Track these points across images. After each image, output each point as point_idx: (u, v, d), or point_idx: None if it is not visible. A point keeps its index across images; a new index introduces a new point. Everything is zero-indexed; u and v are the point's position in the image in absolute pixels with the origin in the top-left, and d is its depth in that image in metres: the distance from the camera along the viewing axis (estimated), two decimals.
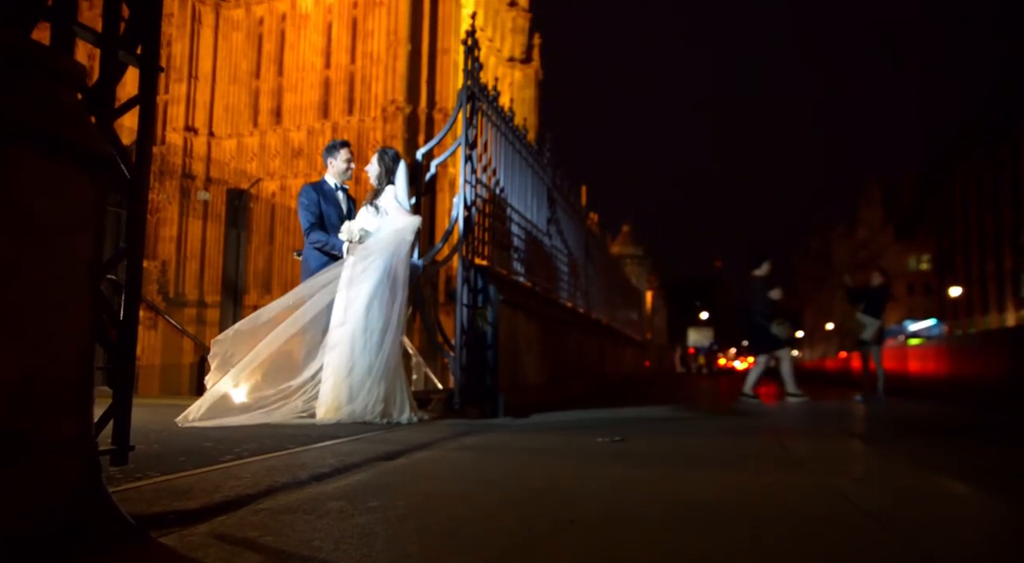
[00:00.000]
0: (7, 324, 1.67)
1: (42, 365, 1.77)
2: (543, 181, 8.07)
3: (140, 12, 2.34)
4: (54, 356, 1.80)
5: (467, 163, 5.62)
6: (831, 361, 28.82)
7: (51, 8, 2.02)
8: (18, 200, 1.75)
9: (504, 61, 40.31)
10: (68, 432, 1.82)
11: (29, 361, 1.73)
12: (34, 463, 1.65)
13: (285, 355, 4.50)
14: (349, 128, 34.12)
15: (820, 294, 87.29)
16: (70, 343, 1.85)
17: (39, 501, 1.64)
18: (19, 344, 1.71)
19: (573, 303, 9.89)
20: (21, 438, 1.65)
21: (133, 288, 2.32)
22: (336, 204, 5.21)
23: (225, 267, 13.69)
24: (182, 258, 35.42)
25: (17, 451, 1.61)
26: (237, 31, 37.06)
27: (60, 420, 1.81)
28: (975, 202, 50.84)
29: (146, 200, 2.39)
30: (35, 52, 1.92)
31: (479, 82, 5.76)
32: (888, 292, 10.36)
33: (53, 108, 1.94)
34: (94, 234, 2.02)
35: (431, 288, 6.76)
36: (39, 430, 1.73)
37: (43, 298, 1.82)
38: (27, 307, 1.74)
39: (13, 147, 1.74)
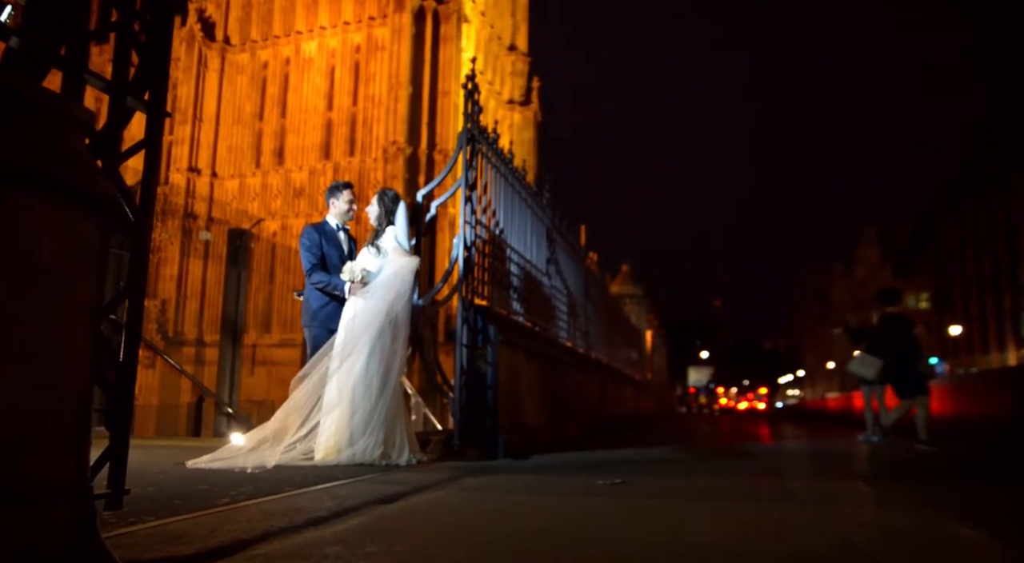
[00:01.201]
0: (5, 370, 1.67)
1: (40, 412, 1.77)
2: (542, 221, 8.13)
3: (150, 60, 2.40)
4: (53, 403, 1.80)
5: (467, 204, 5.67)
6: (833, 400, 28.61)
7: (64, 57, 2.07)
8: (22, 243, 1.77)
9: (504, 103, 40.95)
10: (65, 480, 1.80)
11: (27, 408, 1.72)
12: (30, 514, 1.64)
13: (299, 410, 4.50)
14: (350, 169, 34.48)
15: (820, 333, 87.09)
16: (69, 389, 1.85)
17: (34, 551, 1.62)
18: (17, 391, 1.71)
19: (573, 343, 9.87)
20: (17, 489, 1.64)
21: (134, 330, 2.32)
22: (338, 245, 5.25)
23: (225, 306, 13.70)
24: (182, 297, 35.43)
25: (12, 503, 1.59)
26: (242, 74, 37.74)
27: (57, 469, 1.79)
28: (971, 243, 51.13)
29: (149, 244, 2.41)
30: (45, 99, 1.96)
31: (479, 125, 5.85)
32: (890, 332, 10.33)
33: (60, 153, 1.97)
34: (96, 276, 2.03)
35: (430, 328, 6.75)
36: (36, 480, 1.71)
37: (43, 343, 1.82)
38: (27, 352, 1.75)
39: (20, 191, 1.77)
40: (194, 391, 17.60)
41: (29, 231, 1.78)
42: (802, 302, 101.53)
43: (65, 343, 1.90)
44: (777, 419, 16.77)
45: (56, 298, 1.88)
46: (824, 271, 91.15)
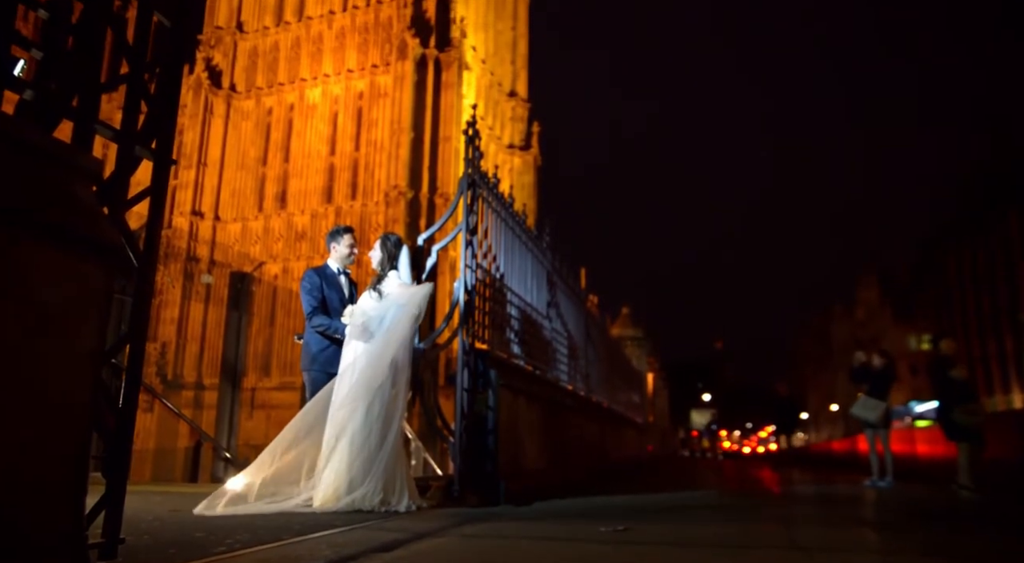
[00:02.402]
0: (5, 419, 1.67)
1: (37, 462, 1.76)
2: (543, 265, 8.17)
3: (158, 110, 2.45)
4: (50, 452, 1.79)
5: (468, 248, 5.71)
6: (837, 443, 28.28)
7: (75, 108, 2.12)
8: (27, 289, 1.78)
9: (504, 148, 41.52)
10: (62, 530, 1.78)
11: (24, 458, 1.71)
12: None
13: (295, 448, 4.46)
14: (352, 212, 34.77)
15: (824, 374, 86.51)
16: (68, 438, 1.84)
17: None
18: (14, 440, 1.70)
19: (574, 386, 9.81)
20: (11, 541, 1.62)
21: (134, 376, 2.32)
22: (338, 288, 5.27)
23: (225, 349, 13.66)
24: (182, 340, 35.34)
25: (6, 555, 1.57)
26: (247, 120, 38.37)
27: (52, 519, 1.77)
28: (971, 284, 51.19)
29: (152, 290, 2.43)
30: (55, 148, 2.00)
31: (480, 170, 5.93)
32: (892, 373, 10.29)
33: (68, 201, 2.00)
34: (99, 322, 2.04)
35: (431, 372, 6.73)
36: (30, 531, 1.69)
37: (43, 390, 1.83)
38: (26, 400, 1.75)
39: (28, 238, 1.79)
40: (192, 435, 17.41)
41: (34, 277, 1.80)
42: (803, 344, 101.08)
43: (65, 390, 1.90)
44: (782, 463, 16.56)
45: (58, 344, 1.89)
46: (825, 312, 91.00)
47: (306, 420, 4.52)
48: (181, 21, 2.47)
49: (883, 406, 9.73)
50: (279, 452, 4.41)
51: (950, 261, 55.05)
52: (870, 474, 9.81)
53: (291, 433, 4.48)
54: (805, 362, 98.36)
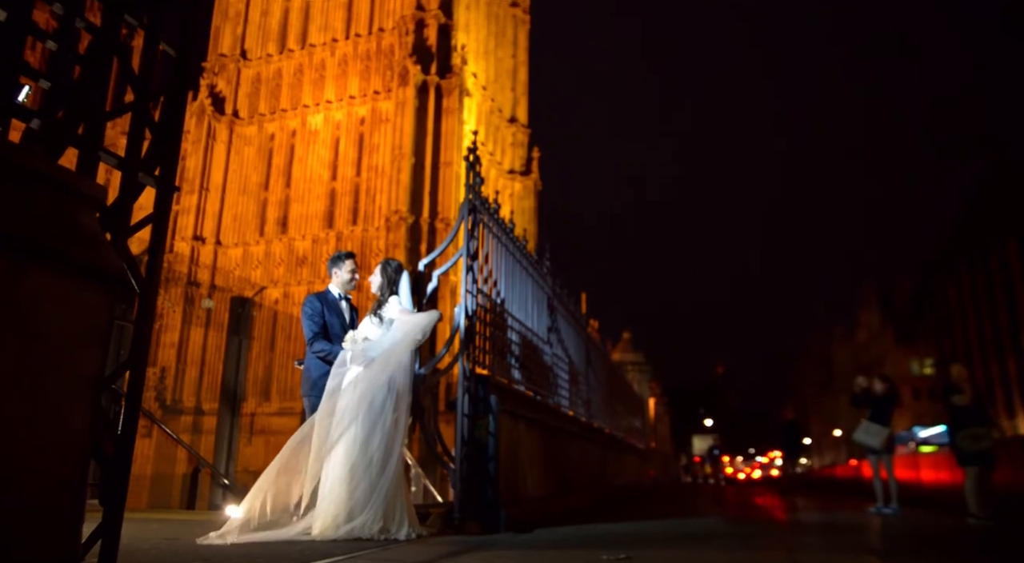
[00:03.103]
0: (2, 444, 1.66)
1: (35, 489, 1.74)
2: (543, 290, 8.17)
3: (162, 138, 2.48)
4: (48, 479, 1.78)
5: (468, 273, 5.72)
6: (842, 469, 28.02)
7: (81, 136, 2.14)
8: (30, 316, 1.79)
9: (504, 173, 41.78)
10: (57, 559, 1.76)
11: (21, 486, 1.70)
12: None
13: (291, 472, 4.42)
14: (353, 237, 34.88)
15: (826, 399, 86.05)
16: (66, 465, 1.83)
17: None
18: (13, 466, 1.69)
19: (575, 412, 9.76)
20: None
21: (133, 403, 2.31)
22: (339, 314, 5.27)
23: (225, 374, 13.61)
24: (182, 365, 35.23)
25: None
26: (249, 146, 38.66)
27: (49, 548, 1.76)
28: (971, 307, 51.13)
29: (153, 317, 2.43)
30: (60, 176, 2.02)
31: (480, 195, 5.96)
32: (895, 399, 10.23)
33: (72, 228, 2.01)
34: (100, 348, 2.04)
35: (431, 398, 6.70)
36: (26, 560, 1.68)
37: (43, 416, 1.82)
38: (26, 426, 1.74)
39: (32, 266, 1.80)
40: (190, 461, 17.26)
41: (36, 303, 1.80)
42: (805, 367, 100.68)
43: (64, 417, 1.90)
44: (786, 489, 16.41)
45: (59, 371, 1.89)
46: (826, 335, 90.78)
47: (300, 443, 4.48)
48: (186, 51, 2.51)
49: (886, 431, 9.67)
50: (273, 476, 4.37)
51: (950, 285, 55.07)
52: (875, 501, 9.71)
53: (284, 458, 4.44)
54: (806, 386, 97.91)
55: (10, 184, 1.79)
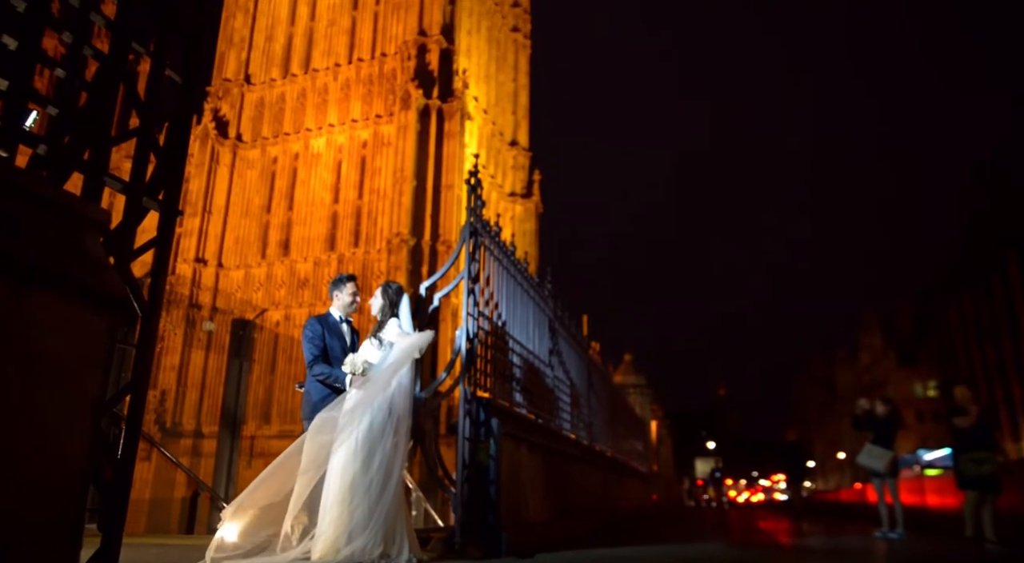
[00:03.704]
0: (3, 469, 1.66)
1: (33, 514, 1.74)
2: (544, 312, 8.17)
3: (166, 163, 2.50)
4: (47, 504, 1.77)
5: (470, 296, 5.73)
6: (846, 492, 27.74)
7: (87, 161, 2.17)
8: (32, 340, 1.79)
9: (505, 195, 41.98)
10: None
11: (19, 511, 1.69)
12: None
13: (284, 494, 4.37)
14: (354, 259, 34.96)
15: (829, 421, 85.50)
16: (64, 490, 1.82)
17: None
18: (11, 491, 1.68)
19: (576, 435, 9.70)
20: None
21: (134, 428, 2.31)
22: (340, 337, 5.26)
23: (225, 397, 13.57)
24: (182, 387, 35.11)
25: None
26: (252, 169, 38.91)
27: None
28: (973, 329, 50.99)
29: (155, 341, 2.44)
30: (65, 201, 2.04)
31: (482, 218, 5.99)
32: (897, 421, 10.17)
33: (75, 252, 2.03)
34: (101, 372, 2.05)
35: (432, 421, 6.67)
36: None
37: (43, 440, 1.82)
38: (25, 450, 1.74)
39: (35, 290, 1.81)
40: (189, 485, 17.13)
41: (40, 328, 1.81)
42: (807, 390, 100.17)
43: (64, 441, 1.89)
44: (791, 513, 16.24)
45: (59, 394, 1.89)
46: (828, 358, 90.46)
47: (288, 462, 4.45)
48: (191, 78, 2.54)
49: (890, 455, 9.60)
50: (259, 496, 4.32)
51: (952, 308, 54.98)
52: (880, 525, 9.61)
53: (272, 475, 4.40)
54: (809, 409, 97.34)
55: (14, 208, 1.81)
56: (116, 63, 2.18)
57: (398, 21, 37.86)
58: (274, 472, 4.40)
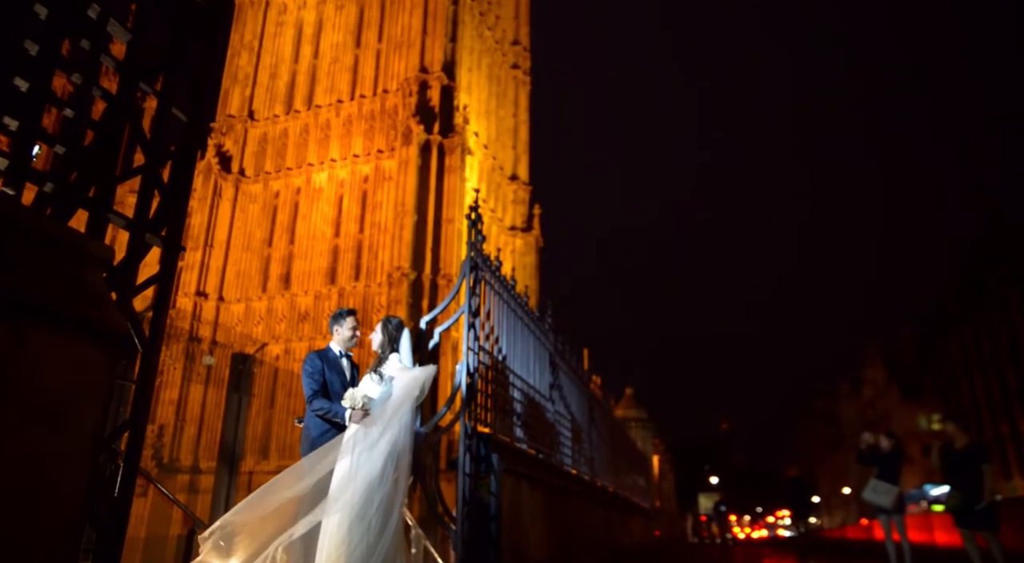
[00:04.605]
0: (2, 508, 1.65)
1: (28, 554, 1.72)
2: (545, 346, 8.16)
3: (170, 200, 2.53)
4: (42, 543, 1.75)
5: (470, 331, 5.73)
6: (852, 529, 27.33)
7: (92, 198, 2.19)
8: (33, 377, 1.79)
9: (506, 229, 42.21)
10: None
11: (14, 549, 1.67)
12: None
13: (280, 529, 4.31)
14: (355, 293, 35.00)
15: (833, 456, 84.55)
16: (60, 529, 1.81)
17: None
18: (8, 530, 1.67)
19: (578, 470, 9.60)
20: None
21: (132, 465, 2.29)
22: (340, 372, 5.24)
23: (224, 432, 13.47)
24: (180, 422, 34.84)
25: None
26: (254, 203, 39.20)
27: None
28: (976, 363, 50.75)
29: (155, 378, 2.44)
30: (67, 238, 2.06)
31: (482, 253, 6.02)
32: (902, 456, 10.06)
33: (78, 290, 2.04)
34: (102, 408, 2.04)
35: (432, 456, 6.61)
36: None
37: (41, 478, 1.80)
38: (22, 488, 1.72)
39: (37, 328, 1.82)
40: (185, 522, 16.87)
41: (40, 365, 1.81)
42: (811, 424, 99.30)
43: (62, 479, 1.88)
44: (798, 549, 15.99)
45: (59, 432, 1.88)
46: (831, 391, 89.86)
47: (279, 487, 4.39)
48: (196, 117, 2.59)
49: (895, 490, 9.48)
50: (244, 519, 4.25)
51: (953, 340, 54.79)
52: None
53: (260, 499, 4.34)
54: (813, 443, 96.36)
55: (18, 245, 1.83)
56: (124, 103, 2.22)
57: (400, 58, 38.52)
58: (262, 496, 4.35)
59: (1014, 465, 45.38)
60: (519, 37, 47.72)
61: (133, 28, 2.37)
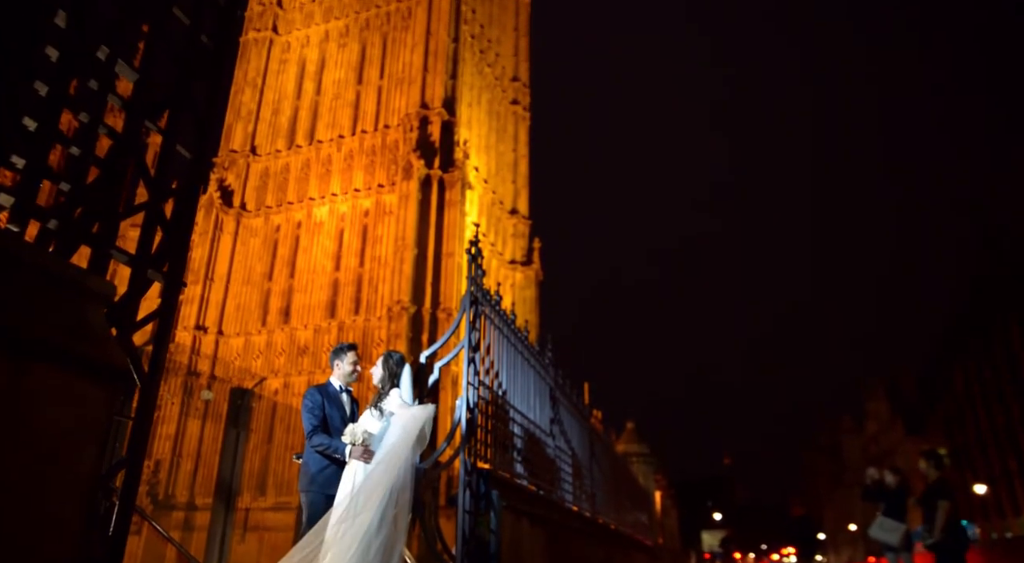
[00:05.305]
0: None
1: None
2: (545, 381, 8.12)
3: (173, 235, 2.54)
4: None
5: (470, 365, 5.70)
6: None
7: (95, 235, 2.21)
8: (32, 415, 1.78)
9: (506, 263, 42.31)
10: None
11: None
12: None
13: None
14: (355, 327, 34.92)
15: (838, 492, 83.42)
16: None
17: None
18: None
19: (579, 507, 9.47)
20: None
21: (127, 503, 2.26)
22: (340, 407, 5.21)
23: (221, 469, 13.30)
24: (177, 458, 34.45)
25: None
26: (255, 237, 39.36)
27: None
28: (980, 396, 50.39)
29: (152, 415, 2.42)
30: (69, 274, 2.07)
31: (482, 288, 6.03)
32: (908, 491, 9.93)
33: (78, 326, 2.04)
34: (99, 446, 2.03)
35: (432, 492, 6.53)
36: None
37: (38, 516, 1.78)
38: (20, 529, 1.70)
39: (36, 365, 1.81)
40: (180, 561, 16.59)
41: (38, 403, 1.80)
42: (814, 458, 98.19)
43: (58, 518, 1.85)
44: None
45: (56, 470, 1.86)
46: (834, 426, 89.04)
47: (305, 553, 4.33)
48: (200, 154, 2.61)
49: (903, 528, 9.34)
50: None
51: (957, 373, 54.47)
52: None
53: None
54: (817, 478, 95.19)
55: (20, 282, 1.83)
56: (129, 141, 2.25)
57: (401, 95, 39.05)
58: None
59: (1022, 501, 44.76)
60: (519, 73, 48.46)
61: (140, 67, 2.41)
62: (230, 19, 2.71)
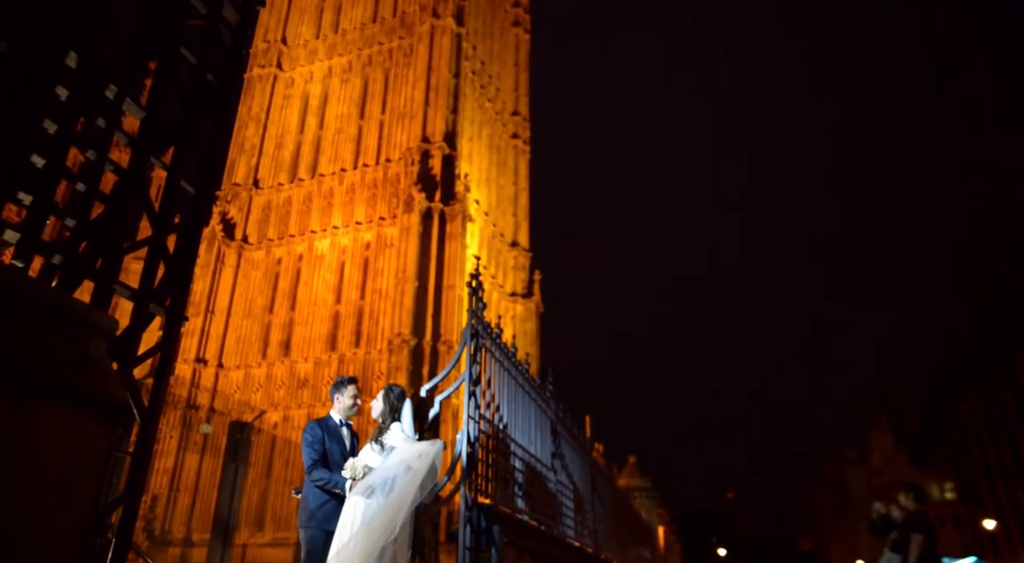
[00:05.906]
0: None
1: None
2: (546, 414, 8.07)
3: (175, 270, 2.56)
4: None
5: (471, 399, 5.68)
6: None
7: (98, 270, 2.22)
8: (30, 451, 1.78)
9: (506, 296, 42.34)
10: None
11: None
12: None
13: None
14: (356, 360, 34.79)
15: (843, 525, 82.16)
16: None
17: None
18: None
19: (580, 542, 9.33)
20: None
21: (124, 541, 2.24)
22: (340, 441, 5.17)
23: (219, 503, 13.14)
24: (174, 492, 34.03)
25: None
26: (256, 270, 39.45)
27: None
28: (985, 430, 49.93)
29: (151, 452, 2.41)
30: (72, 309, 2.08)
31: (483, 320, 6.03)
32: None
33: (79, 360, 2.04)
34: (97, 481, 2.01)
35: (432, 528, 6.44)
36: None
37: (33, 554, 1.77)
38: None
39: (35, 399, 1.81)
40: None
41: (37, 437, 1.80)
42: (819, 492, 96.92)
43: (54, 557, 1.83)
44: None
45: (53, 506, 1.85)
46: (838, 458, 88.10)
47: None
48: (204, 190, 2.65)
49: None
50: None
51: (961, 405, 54.07)
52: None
53: None
54: (823, 511, 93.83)
55: (22, 316, 1.84)
56: (134, 177, 2.28)
57: (402, 129, 39.51)
58: None
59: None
60: (519, 108, 49.09)
61: (147, 105, 2.45)
62: (236, 58, 2.76)
